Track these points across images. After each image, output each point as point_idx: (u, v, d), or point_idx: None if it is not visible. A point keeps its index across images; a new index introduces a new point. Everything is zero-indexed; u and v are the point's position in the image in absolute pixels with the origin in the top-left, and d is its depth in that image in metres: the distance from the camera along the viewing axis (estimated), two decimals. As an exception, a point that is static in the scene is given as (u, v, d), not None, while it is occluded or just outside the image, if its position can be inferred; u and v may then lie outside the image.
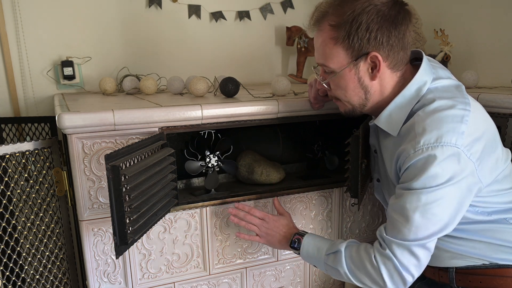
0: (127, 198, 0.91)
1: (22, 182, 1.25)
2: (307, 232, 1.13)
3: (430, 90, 0.97)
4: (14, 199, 1.20)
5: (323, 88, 1.07)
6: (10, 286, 1.23)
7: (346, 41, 0.94)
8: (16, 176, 1.23)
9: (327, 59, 0.98)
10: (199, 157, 1.25)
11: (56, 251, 1.29)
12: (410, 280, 0.93)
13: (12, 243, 1.21)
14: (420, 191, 0.89)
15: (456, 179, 0.89)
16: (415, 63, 1.04)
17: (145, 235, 1.16)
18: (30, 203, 1.23)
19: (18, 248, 1.23)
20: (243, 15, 1.89)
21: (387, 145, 1.05)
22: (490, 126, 0.98)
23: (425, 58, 1.01)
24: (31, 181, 1.24)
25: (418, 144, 0.89)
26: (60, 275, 1.32)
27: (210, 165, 1.25)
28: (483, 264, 1.01)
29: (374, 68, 0.96)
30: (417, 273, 0.94)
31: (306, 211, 1.36)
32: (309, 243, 1.09)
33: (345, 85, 0.99)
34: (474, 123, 0.91)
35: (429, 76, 0.98)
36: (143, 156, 1.00)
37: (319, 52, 1.00)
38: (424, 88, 0.97)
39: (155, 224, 1.07)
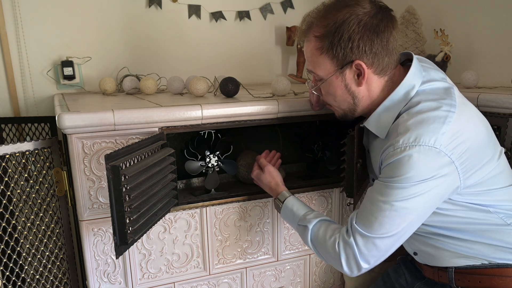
0: (127, 198, 0.91)
1: (22, 182, 1.25)
2: (287, 195, 1.17)
3: (418, 93, 0.98)
4: (14, 199, 1.20)
5: (316, 94, 1.12)
6: (10, 286, 1.23)
7: (331, 51, 0.98)
8: (16, 176, 1.23)
9: (315, 68, 1.03)
10: (199, 157, 1.25)
11: (56, 251, 1.29)
12: (366, 267, 0.97)
13: (12, 243, 1.21)
14: (394, 185, 0.92)
15: (430, 178, 0.90)
16: (408, 64, 1.04)
17: (145, 235, 1.16)
18: (30, 203, 1.23)
19: (18, 248, 1.23)
20: (243, 15, 1.89)
21: (375, 146, 1.07)
22: (479, 128, 0.97)
23: (415, 61, 1.02)
24: (31, 181, 1.24)
25: (398, 143, 0.92)
26: (60, 275, 1.32)
27: (210, 165, 1.25)
28: (482, 263, 1.01)
29: (360, 75, 0.99)
30: (375, 262, 0.98)
31: (306, 211, 1.36)
32: (287, 208, 1.15)
33: (334, 91, 1.04)
34: (459, 125, 0.91)
35: (417, 80, 0.99)
36: (143, 156, 1.00)
37: (308, 61, 1.06)
38: (412, 92, 0.98)
39: (155, 224, 1.07)
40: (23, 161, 1.19)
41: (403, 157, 0.90)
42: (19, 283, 1.26)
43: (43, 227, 1.26)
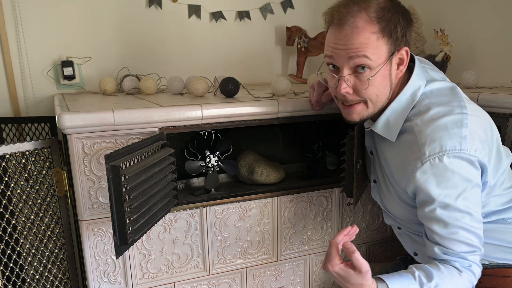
0: (127, 198, 0.91)
1: (22, 182, 1.25)
2: (383, 282, 0.91)
3: (425, 94, 0.97)
4: (14, 199, 1.20)
5: (349, 91, 0.96)
6: (10, 286, 1.23)
7: (387, 35, 0.91)
8: (16, 176, 1.23)
9: (370, 53, 0.91)
10: (199, 157, 1.25)
11: (56, 251, 1.29)
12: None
13: (12, 243, 1.21)
14: (450, 203, 0.90)
15: (473, 180, 0.90)
16: (408, 64, 1.04)
17: (145, 235, 1.16)
18: (30, 203, 1.23)
19: (18, 248, 1.23)
20: (243, 15, 1.89)
21: (384, 149, 1.05)
22: (488, 126, 0.98)
23: (417, 61, 1.01)
24: (31, 181, 1.24)
25: (424, 155, 0.90)
26: (60, 275, 1.32)
27: (210, 165, 1.25)
28: (483, 264, 1.01)
29: (401, 64, 0.97)
30: None
31: (306, 211, 1.36)
32: None
33: (380, 82, 0.95)
34: (475, 125, 0.91)
35: (422, 80, 0.99)
36: (143, 156, 1.00)
37: (357, 48, 0.91)
38: (418, 93, 0.97)
39: (155, 224, 1.07)
40: (23, 161, 1.19)
41: (437, 170, 0.89)
42: (19, 283, 1.26)
43: (43, 227, 1.26)
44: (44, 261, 1.27)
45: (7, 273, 1.21)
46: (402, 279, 0.91)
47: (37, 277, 1.27)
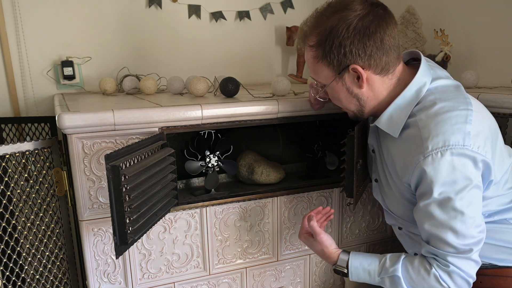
0: (127, 198, 0.91)
1: (22, 182, 1.25)
2: (346, 258, 1.06)
3: (430, 90, 0.97)
4: (14, 199, 1.20)
5: (325, 96, 1.12)
6: (10, 286, 1.23)
7: (326, 59, 0.98)
8: (16, 176, 1.23)
9: (316, 75, 1.05)
10: (199, 157, 1.25)
11: (56, 251, 1.29)
12: (472, 282, 0.95)
13: (12, 243, 1.21)
14: (447, 199, 0.89)
15: (473, 180, 0.89)
16: (412, 63, 1.04)
17: (145, 235, 1.16)
18: (30, 203, 1.23)
19: (18, 248, 1.23)
20: (243, 15, 1.89)
21: (388, 146, 1.05)
22: (492, 124, 0.98)
23: (423, 59, 1.01)
24: (31, 181, 1.24)
25: (427, 149, 0.90)
26: (60, 275, 1.32)
27: (210, 165, 1.25)
28: (483, 264, 1.01)
29: (359, 78, 0.98)
30: (475, 272, 0.96)
31: (306, 211, 1.36)
32: (357, 269, 1.04)
33: (337, 95, 1.05)
34: (479, 122, 0.91)
35: (428, 77, 0.99)
36: (143, 156, 1.00)
37: (309, 68, 1.07)
38: (424, 89, 0.97)
39: (155, 224, 1.07)
40: (23, 161, 1.19)
41: (438, 165, 0.89)
42: (19, 283, 1.26)
43: (43, 227, 1.26)
44: (44, 261, 1.27)
45: (7, 273, 1.21)
46: (368, 256, 1.05)
47: (37, 277, 1.27)
